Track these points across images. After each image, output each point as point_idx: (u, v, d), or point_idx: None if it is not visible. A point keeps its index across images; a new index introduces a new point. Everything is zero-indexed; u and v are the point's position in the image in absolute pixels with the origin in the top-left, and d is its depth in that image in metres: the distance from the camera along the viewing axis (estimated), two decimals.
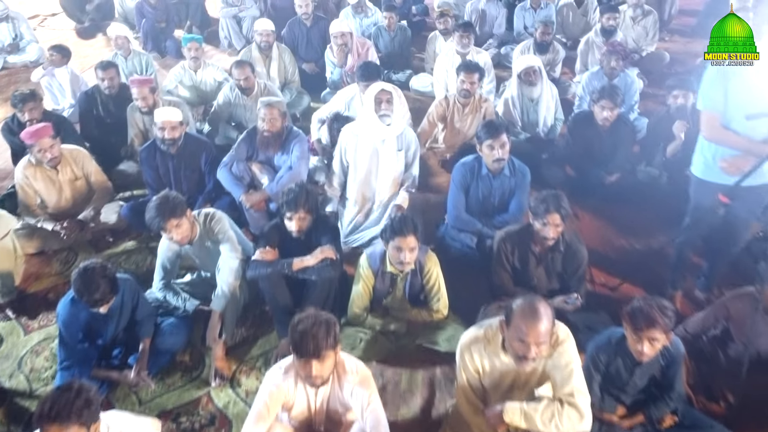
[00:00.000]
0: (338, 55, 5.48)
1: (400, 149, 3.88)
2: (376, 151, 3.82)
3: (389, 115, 3.73)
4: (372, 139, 3.80)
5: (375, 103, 3.74)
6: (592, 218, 4.20)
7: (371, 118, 3.76)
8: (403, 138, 3.89)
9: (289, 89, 5.52)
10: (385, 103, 3.72)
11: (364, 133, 3.81)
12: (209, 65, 5.29)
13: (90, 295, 2.63)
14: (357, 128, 3.87)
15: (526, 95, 4.73)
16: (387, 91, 3.71)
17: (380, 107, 3.72)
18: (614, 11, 5.80)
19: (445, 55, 5.26)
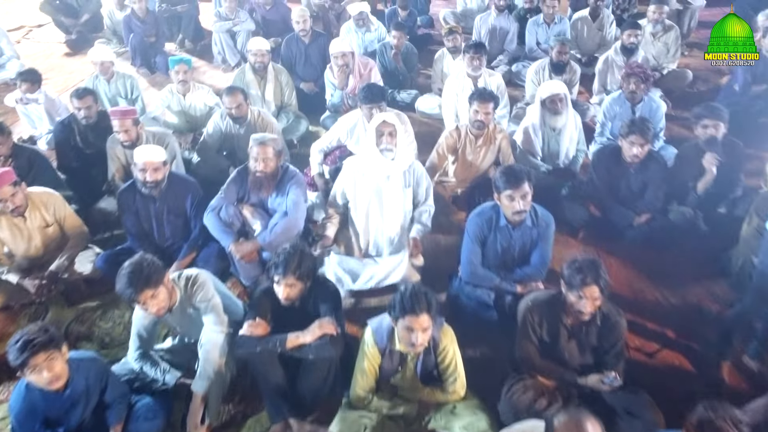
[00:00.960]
0: (339, 76, 5.07)
1: (407, 186, 3.49)
2: (380, 189, 3.44)
3: (392, 150, 3.34)
4: (375, 175, 3.42)
5: (376, 135, 3.36)
6: (621, 265, 3.79)
7: (373, 152, 3.39)
8: (411, 174, 3.50)
9: (285, 113, 5.11)
10: (387, 136, 3.34)
11: (367, 170, 3.43)
12: (199, 88, 4.88)
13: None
14: (359, 163, 3.48)
15: (548, 124, 4.32)
16: (389, 123, 3.32)
17: (381, 141, 3.35)
18: (636, 27, 5.38)
19: (454, 78, 4.85)
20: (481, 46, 4.66)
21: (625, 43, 5.38)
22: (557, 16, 6.21)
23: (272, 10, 6.95)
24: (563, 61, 5.21)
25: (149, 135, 4.07)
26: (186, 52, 7.33)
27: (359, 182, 3.46)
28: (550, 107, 4.23)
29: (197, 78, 6.58)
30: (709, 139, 3.80)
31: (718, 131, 3.79)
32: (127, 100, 5.03)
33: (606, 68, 5.53)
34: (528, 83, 5.42)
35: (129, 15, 6.55)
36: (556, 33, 6.24)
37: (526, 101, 5.50)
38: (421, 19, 7.77)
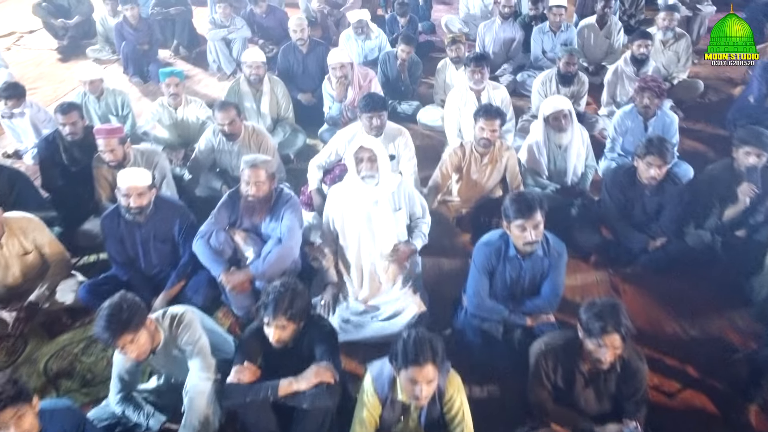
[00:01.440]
0: (337, 88, 4.86)
1: (398, 208, 3.29)
2: (369, 215, 3.24)
3: (373, 176, 3.15)
4: (362, 202, 3.22)
5: (355, 162, 3.16)
6: (635, 293, 3.58)
7: (354, 180, 3.21)
8: (400, 194, 3.29)
9: (282, 126, 4.90)
10: (366, 162, 3.14)
11: (352, 197, 3.24)
12: (192, 101, 4.67)
13: None
14: (343, 191, 3.28)
15: (553, 141, 4.10)
16: (366, 149, 3.13)
17: (361, 167, 3.16)
18: (646, 37, 5.16)
19: (457, 92, 4.63)
20: (483, 59, 4.44)
21: (635, 53, 5.16)
22: (564, 23, 5.99)
23: (269, 16, 6.74)
24: (571, 72, 5.00)
25: (137, 154, 3.86)
26: (181, 59, 7.13)
27: (347, 211, 3.26)
28: (554, 124, 4.01)
29: (192, 87, 6.39)
30: (750, 168, 3.55)
31: (760, 160, 3.55)
32: (118, 117, 4.81)
33: (616, 80, 5.31)
34: (534, 95, 5.21)
35: (121, 22, 6.33)
36: (563, 41, 6.04)
37: (532, 113, 5.29)
38: (423, 25, 7.55)
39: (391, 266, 3.31)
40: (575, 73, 5.05)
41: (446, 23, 7.59)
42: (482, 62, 4.41)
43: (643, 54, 5.13)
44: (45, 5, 7.06)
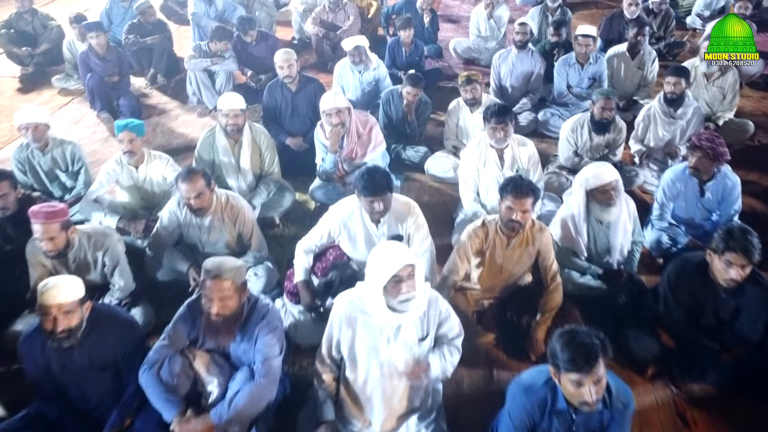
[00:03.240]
0: (332, 138, 4.10)
1: (424, 335, 2.52)
2: (387, 343, 2.47)
3: (410, 300, 2.35)
4: (380, 326, 2.44)
5: (391, 286, 2.32)
6: (706, 420, 2.82)
7: (380, 304, 2.37)
8: (429, 316, 2.52)
9: (265, 184, 4.13)
10: (407, 281, 2.32)
11: (368, 316, 2.46)
12: (156, 157, 3.90)
13: None
14: (356, 306, 2.49)
15: (595, 216, 3.35)
16: (409, 265, 2.32)
17: (400, 289, 2.32)
18: (679, 75, 4.37)
19: (474, 148, 3.85)
20: (506, 113, 3.66)
21: (666, 92, 4.41)
22: (592, 54, 5.23)
23: (259, 44, 5.96)
24: (607, 119, 4.23)
25: (83, 238, 3.11)
26: (158, 89, 6.36)
27: (359, 333, 2.48)
28: (600, 199, 3.26)
29: (167, 124, 5.65)
30: None
31: None
32: (68, 174, 4.05)
33: (648, 123, 4.56)
34: (563, 143, 4.44)
35: (86, 51, 5.56)
36: (591, 75, 5.29)
37: (559, 164, 4.53)
38: (429, 49, 6.79)
39: (403, 383, 2.53)
40: (612, 119, 4.28)
41: (454, 47, 6.85)
42: (505, 117, 3.64)
43: (674, 94, 4.37)
44: (4, 32, 6.30)
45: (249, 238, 3.49)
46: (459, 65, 6.87)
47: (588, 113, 4.35)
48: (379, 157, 4.33)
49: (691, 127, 4.51)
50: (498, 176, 3.80)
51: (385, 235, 3.23)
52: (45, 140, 3.95)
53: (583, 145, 4.37)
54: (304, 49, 7.29)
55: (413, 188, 4.65)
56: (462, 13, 8.70)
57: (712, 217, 3.77)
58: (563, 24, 5.71)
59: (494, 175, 3.81)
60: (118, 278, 3.21)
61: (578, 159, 4.39)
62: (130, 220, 3.72)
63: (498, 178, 3.80)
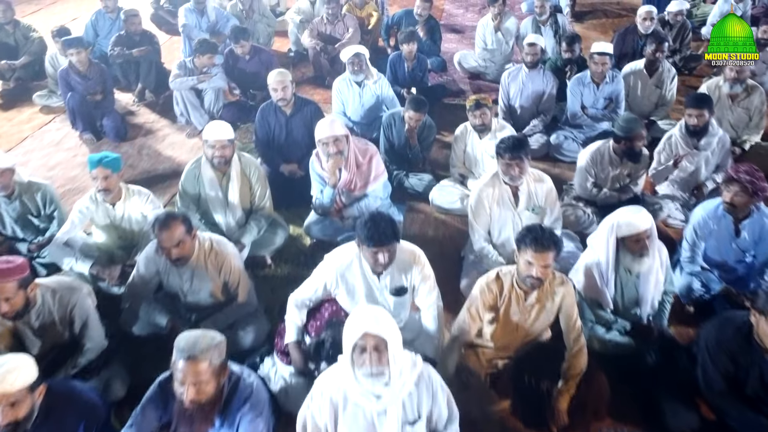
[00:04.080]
0: (330, 169, 3.75)
1: (414, 420, 2.17)
2: (374, 427, 2.13)
3: (383, 373, 2.04)
4: (361, 408, 2.12)
5: (355, 352, 2.08)
6: None
7: (350, 377, 2.12)
8: (420, 396, 2.19)
9: (256, 220, 3.77)
10: (372, 353, 2.04)
11: (350, 398, 2.14)
12: (135, 193, 3.53)
13: None
14: (337, 386, 2.16)
15: (624, 266, 3.00)
16: (372, 335, 2.03)
17: (363, 360, 2.06)
18: (701, 106, 3.97)
19: (486, 185, 3.48)
20: (521, 147, 3.28)
21: (688, 123, 4.06)
22: (609, 73, 4.87)
23: (252, 59, 5.59)
24: (635, 149, 3.87)
25: (47, 294, 2.74)
26: (146, 106, 6.00)
27: (342, 417, 2.14)
28: (633, 248, 2.90)
29: (154, 146, 5.29)
30: None
31: None
32: (41, 218, 3.67)
33: (669, 154, 4.19)
34: (580, 173, 4.07)
35: (66, 69, 5.18)
36: (607, 95, 4.93)
37: (575, 195, 4.17)
38: (432, 62, 6.43)
39: None
40: (639, 150, 3.92)
41: (459, 60, 6.49)
42: (520, 152, 3.27)
43: (696, 126, 4.02)
44: None
45: (236, 287, 3.14)
46: (464, 80, 6.51)
47: (609, 141, 3.99)
48: (381, 188, 3.98)
49: (715, 156, 4.16)
50: (512, 215, 3.45)
51: (387, 287, 2.88)
52: (11, 187, 3.53)
53: (604, 176, 4.01)
54: (301, 61, 6.94)
55: (417, 220, 4.29)
56: (466, 23, 8.35)
57: (746, 259, 3.42)
58: (576, 40, 5.34)
59: (508, 213, 3.46)
60: (87, 337, 2.86)
61: (597, 190, 4.04)
62: (104, 265, 3.36)
63: (512, 217, 3.46)
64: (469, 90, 6.30)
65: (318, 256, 3.87)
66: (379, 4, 7.58)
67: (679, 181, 4.19)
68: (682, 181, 4.19)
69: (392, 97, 5.19)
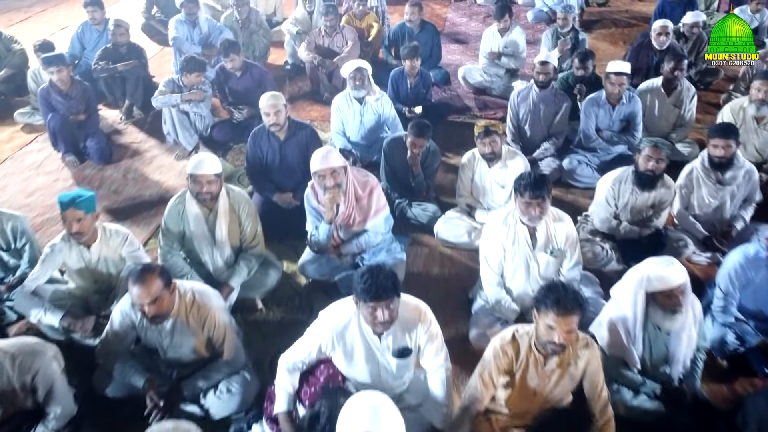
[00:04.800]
0: (328, 204, 3.42)
1: None
2: None
3: None
4: None
5: None
6: None
7: None
8: None
9: (246, 259, 3.45)
10: None
11: None
12: (112, 234, 3.22)
13: None
14: None
15: (653, 322, 2.69)
16: None
17: None
18: (727, 136, 3.64)
19: (499, 223, 3.16)
20: (543, 185, 2.95)
21: (713, 156, 3.74)
22: (626, 94, 4.55)
23: (244, 76, 5.26)
24: (654, 171, 3.56)
25: (5, 360, 2.43)
26: (134, 124, 5.68)
27: None
28: (665, 304, 2.60)
29: (140, 170, 4.98)
30: None
31: None
32: (10, 252, 3.34)
33: (691, 188, 3.87)
34: (600, 203, 3.75)
35: (47, 88, 4.86)
36: (623, 117, 4.62)
37: (592, 227, 3.86)
38: (434, 75, 6.12)
39: None
40: (660, 173, 3.61)
41: (464, 75, 6.18)
42: (542, 191, 2.94)
43: (723, 158, 3.71)
44: None
45: (221, 343, 2.82)
46: (469, 95, 6.20)
47: (631, 167, 3.68)
48: (382, 223, 3.66)
49: (741, 190, 3.84)
50: (528, 257, 3.14)
51: (389, 348, 2.57)
52: None
53: (624, 206, 3.70)
54: (298, 75, 6.63)
55: (421, 255, 3.98)
56: (470, 32, 8.04)
57: None
58: (590, 56, 5.02)
59: (523, 255, 3.14)
60: (53, 404, 2.55)
61: (617, 223, 3.73)
62: (76, 316, 3.04)
63: (528, 260, 3.14)
64: (474, 106, 5.99)
65: (314, 297, 3.61)
66: (380, 14, 7.27)
67: (702, 215, 3.87)
68: (705, 216, 3.87)
69: (393, 118, 4.88)
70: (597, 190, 3.82)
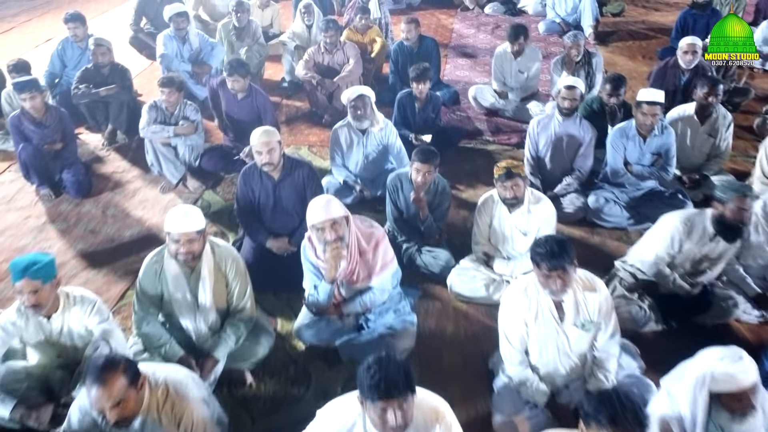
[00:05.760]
0: (329, 262, 2.97)
1: None
2: None
3: None
4: None
5: None
6: None
7: None
8: None
9: (233, 326, 3.00)
10: None
11: None
12: (77, 302, 2.77)
13: None
14: None
15: (716, 422, 2.24)
16: None
17: None
18: None
19: (522, 297, 2.69)
20: (564, 252, 2.48)
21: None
22: (659, 125, 4.10)
23: (244, 100, 4.75)
24: (744, 222, 3.10)
25: None
26: (117, 150, 5.24)
27: None
28: (733, 408, 2.15)
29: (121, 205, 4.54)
30: None
31: None
32: None
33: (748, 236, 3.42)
34: (660, 242, 3.22)
35: (18, 115, 4.39)
36: (655, 150, 4.17)
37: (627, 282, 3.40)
38: (443, 94, 5.67)
39: None
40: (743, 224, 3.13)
41: (475, 96, 5.73)
42: (562, 261, 2.47)
43: None
44: None
45: None
46: (480, 116, 5.75)
47: (706, 212, 3.20)
48: (389, 279, 3.22)
49: None
50: (556, 332, 2.69)
51: None
52: None
53: (687, 252, 3.23)
54: (296, 93, 6.20)
55: (432, 312, 3.52)
56: (478, 45, 7.59)
57: None
58: (623, 82, 4.51)
59: (550, 330, 2.68)
60: None
61: (669, 272, 3.26)
62: (30, 407, 2.58)
63: (556, 335, 2.69)
64: (486, 129, 5.54)
65: (312, 366, 3.15)
66: (383, 27, 6.84)
67: (755, 268, 3.42)
68: (758, 269, 3.42)
69: (399, 149, 4.44)
70: (658, 228, 3.28)
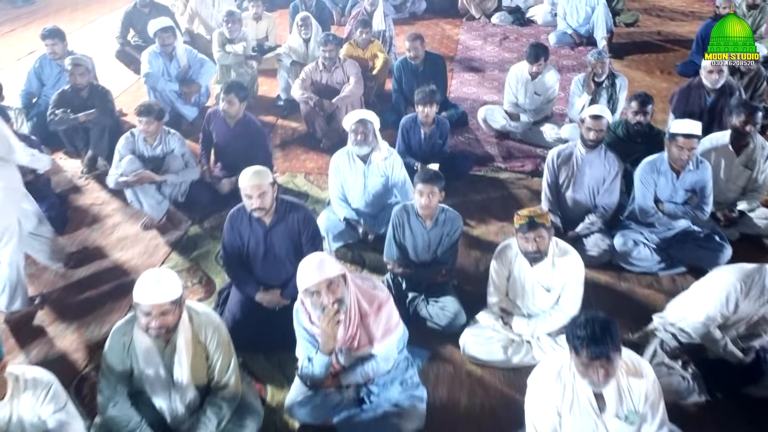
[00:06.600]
0: (326, 331, 2.56)
1: None
2: None
3: None
4: None
5: None
6: None
7: None
8: None
9: (214, 405, 2.59)
10: None
11: None
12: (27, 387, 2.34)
13: None
14: None
15: None
16: None
17: None
18: None
19: (556, 384, 2.25)
20: (606, 339, 2.03)
21: None
22: (694, 160, 3.68)
23: (237, 127, 4.36)
24: None
25: None
26: (96, 178, 4.82)
27: None
28: None
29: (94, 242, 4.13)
30: None
31: None
32: None
33: None
34: (718, 299, 2.78)
35: None
36: (689, 187, 3.74)
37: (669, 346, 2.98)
38: (450, 115, 5.26)
39: None
40: None
41: (485, 118, 5.31)
42: (606, 347, 2.05)
43: None
44: None
45: None
46: (489, 139, 5.35)
47: (766, 268, 2.78)
48: (393, 346, 2.81)
49: None
50: (594, 424, 2.27)
51: None
52: None
53: (742, 316, 2.81)
54: (292, 112, 5.79)
55: (443, 377, 3.09)
56: (486, 58, 7.18)
57: None
58: (650, 100, 4.10)
59: (588, 422, 2.27)
60: None
61: (720, 335, 2.84)
62: None
63: (594, 427, 2.27)
64: (497, 154, 5.13)
65: None
66: (387, 40, 6.43)
67: None
68: None
69: (404, 181, 4.02)
70: (710, 285, 2.86)
